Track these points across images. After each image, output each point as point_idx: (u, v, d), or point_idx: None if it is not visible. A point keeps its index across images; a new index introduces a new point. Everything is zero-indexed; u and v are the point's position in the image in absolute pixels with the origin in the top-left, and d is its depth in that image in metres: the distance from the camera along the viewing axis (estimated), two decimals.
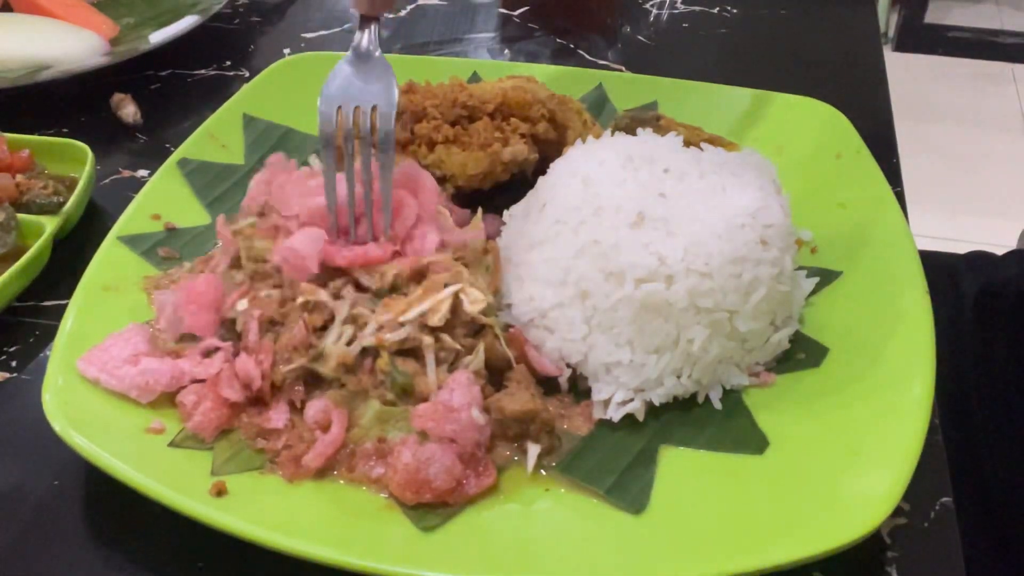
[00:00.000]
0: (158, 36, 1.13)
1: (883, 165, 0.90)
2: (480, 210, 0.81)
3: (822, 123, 0.96)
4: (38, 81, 1.05)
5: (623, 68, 1.17)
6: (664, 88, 1.03)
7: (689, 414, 0.71)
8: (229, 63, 1.19)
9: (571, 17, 1.31)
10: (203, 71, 1.17)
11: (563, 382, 0.72)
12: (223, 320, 0.74)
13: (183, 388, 0.70)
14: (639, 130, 0.83)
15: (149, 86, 1.14)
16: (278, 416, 0.68)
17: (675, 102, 1.00)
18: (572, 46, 1.23)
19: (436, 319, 0.69)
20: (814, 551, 0.59)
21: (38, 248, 0.82)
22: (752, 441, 0.68)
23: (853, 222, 0.85)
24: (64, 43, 1.10)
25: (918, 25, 3.51)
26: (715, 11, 1.32)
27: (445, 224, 0.78)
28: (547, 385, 0.72)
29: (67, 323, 0.73)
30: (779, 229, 0.73)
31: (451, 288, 0.71)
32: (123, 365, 0.69)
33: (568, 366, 0.73)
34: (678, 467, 0.67)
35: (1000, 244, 1.38)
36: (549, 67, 1.10)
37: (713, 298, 0.70)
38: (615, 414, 0.70)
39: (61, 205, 0.86)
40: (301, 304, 0.71)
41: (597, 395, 0.71)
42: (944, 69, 3.43)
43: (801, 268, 0.80)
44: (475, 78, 1.03)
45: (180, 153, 0.92)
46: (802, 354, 0.75)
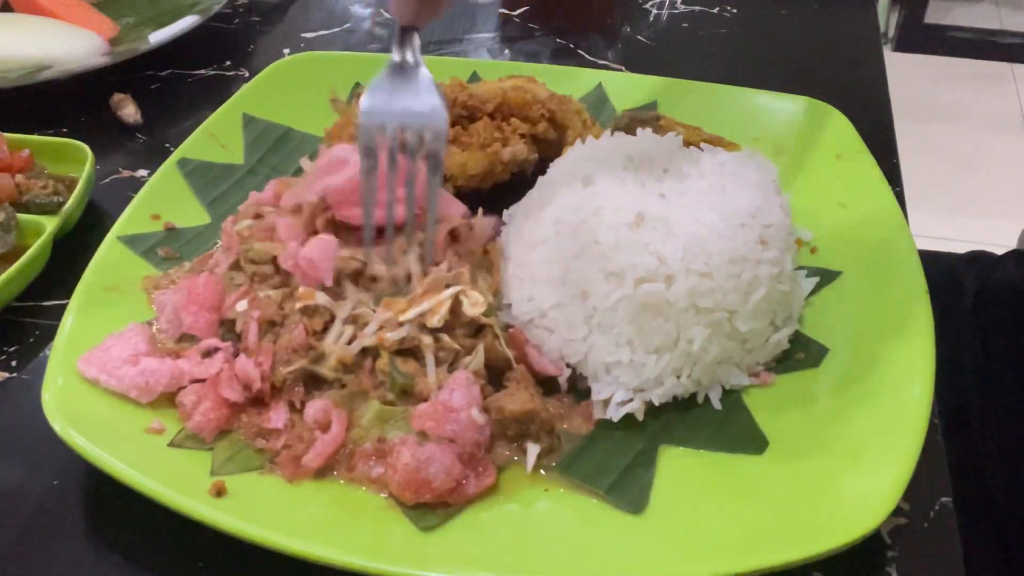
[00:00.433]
0: (158, 36, 1.13)
1: (883, 165, 0.90)
2: (480, 210, 0.81)
3: (822, 123, 0.96)
4: (38, 81, 1.05)
5: (623, 68, 1.17)
6: (664, 88, 1.03)
7: (689, 414, 0.71)
8: (229, 63, 1.19)
9: (571, 17, 1.31)
10: (203, 71, 1.17)
11: (563, 382, 0.72)
12: (223, 321, 0.74)
13: (183, 388, 0.70)
14: (639, 130, 0.83)
15: (149, 86, 1.14)
16: (278, 416, 0.68)
17: (675, 102, 1.00)
18: (572, 46, 1.23)
19: (435, 320, 0.69)
20: (814, 551, 0.59)
21: (38, 248, 0.82)
22: (752, 441, 0.68)
23: (853, 222, 0.85)
24: (64, 43, 1.11)
25: (918, 25, 3.51)
26: (715, 11, 1.32)
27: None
28: (547, 385, 0.72)
29: (67, 323, 0.73)
30: (779, 229, 0.73)
31: (452, 289, 0.71)
32: (123, 365, 0.69)
33: (568, 366, 0.73)
34: (678, 467, 0.67)
35: (1000, 244, 1.38)
36: (549, 67, 1.10)
37: (713, 298, 0.70)
38: (615, 414, 0.70)
39: (61, 205, 0.86)
40: (300, 309, 0.71)
41: (597, 395, 0.71)
42: (944, 69, 3.43)
43: (801, 268, 0.80)
44: (475, 78, 1.03)
45: (180, 153, 0.92)
46: (802, 354, 0.75)
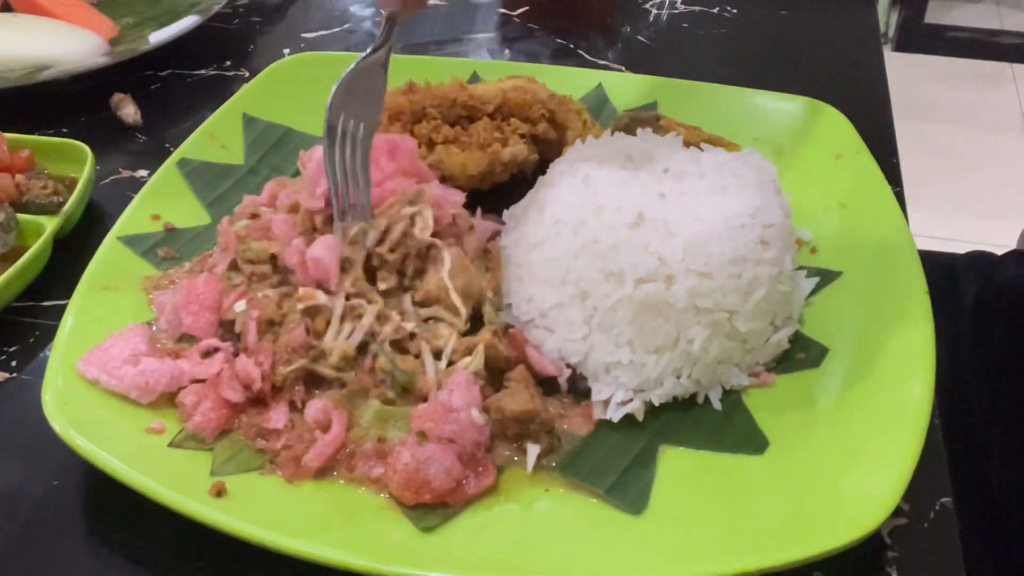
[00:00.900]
0: (158, 36, 1.13)
1: (883, 165, 0.90)
2: (479, 210, 0.81)
3: (822, 123, 0.96)
4: (38, 81, 1.05)
5: (623, 68, 1.17)
6: (664, 88, 1.03)
7: (689, 414, 0.71)
8: (229, 63, 1.19)
9: (571, 17, 1.31)
10: (203, 71, 1.17)
11: (563, 382, 0.72)
12: (222, 321, 0.74)
13: (183, 388, 0.70)
14: (639, 130, 0.83)
15: (149, 86, 1.14)
16: (278, 416, 0.68)
17: (675, 102, 1.00)
18: (572, 46, 1.23)
19: (387, 243, 0.73)
20: (814, 551, 0.59)
21: (38, 248, 0.82)
22: (752, 441, 0.68)
23: (853, 222, 0.85)
24: (64, 43, 1.10)
25: (918, 25, 3.51)
26: (715, 11, 1.31)
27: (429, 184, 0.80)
28: (547, 385, 0.72)
29: (67, 323, 0.73)
30: (779, 229, 0.73)
31: (412, 208, 0.75)
32: (123, 365, 0.69)
33: (568, 366, 0.73)
34: (678, 467, 0.67)
35: (1000, 244, 1.38)
36: (549, 67, 1.10)
37: (713, 298, 0.70)
38: (615, 414, 0.70)
39: (61, 205, 0.86)
40: (303, 309, 0.71)
41: (597, 395, 0.71)
42: (944, 69, 3.43)
43: (801, 268, 0.80)
44: (475, 78, 1.03)
45: (180, 153, 0.92)
46: (802, 354, 0.75)
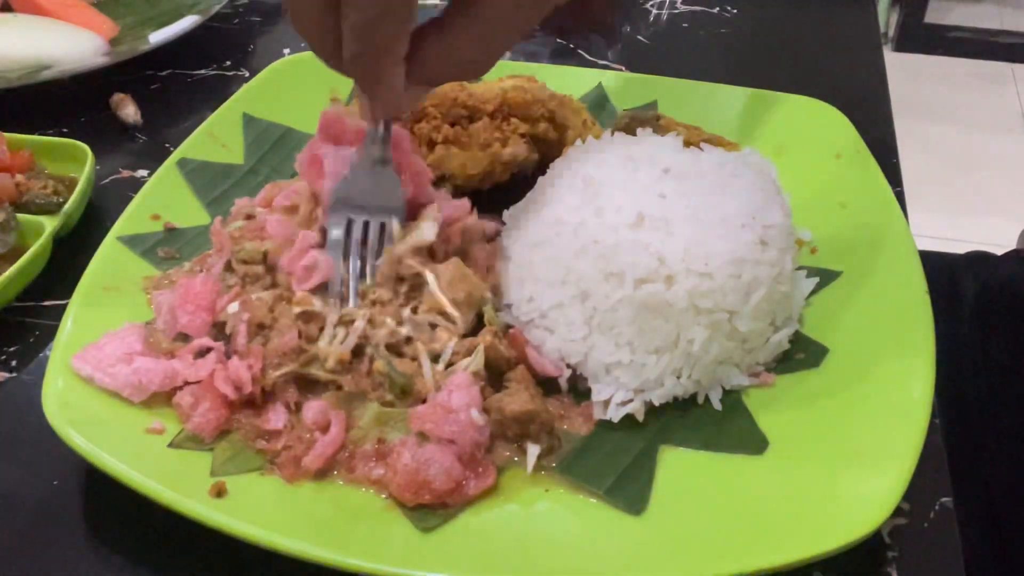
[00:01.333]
0: (158, 36, 1.13)
1: (883, 165, 0.90)
2: (475, 209, 0.81)
3: (822, 123, 0.96)
4: (38, 81, 1.05)
5: (623, 68, 1.17)
6: (664, 88, 1.03)
7: (689, 414, 0.71)
8: (229, 63, 1.19)
9: (571, 17, 1.31)
10: (203, 71, 1.17)
11: (563, 382, 0.72)
12: (216, 322, 0.74)
13: (177, 389, 0.70)
14: (639, 130, 0.83)
15: (149, 86, 1.14)
16: (276, 417, 0.68)
17: (675, 102, 1.00)
18: (572, 46, 1.23)
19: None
20: (814, 551, 0.59)
21: (38, 248, 0.82)
22: (752, 441, 0.68)
23: (853, 222, 0.85)
24: (64, 43, 1.10)
25: (918, 25, 3.52)
26: (715, 11, 1.31)
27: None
28: (547, 385, 0.72)
29: (67, 323, 0.73)
30: (779, 229, 0.73)
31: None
32: (117, 363, 0.69)
33: (568, 366, 0.72)
34: (678, 467, 0.67)
35: (1000, 244, 1.38)
36: (549, 67, 1.10)
37: (713, 298, 0.70)
38: (615, 414, 0.70)
39: (61, 205, 0.86)
40: (297, 315, 0.71)
41: (597, 395, 0.71)
42: (944, 69, 3.43)
43: (801, 268, 0.80)
44: None
45: (180, 153, 0.92)
46: (802, 354, 0.75)
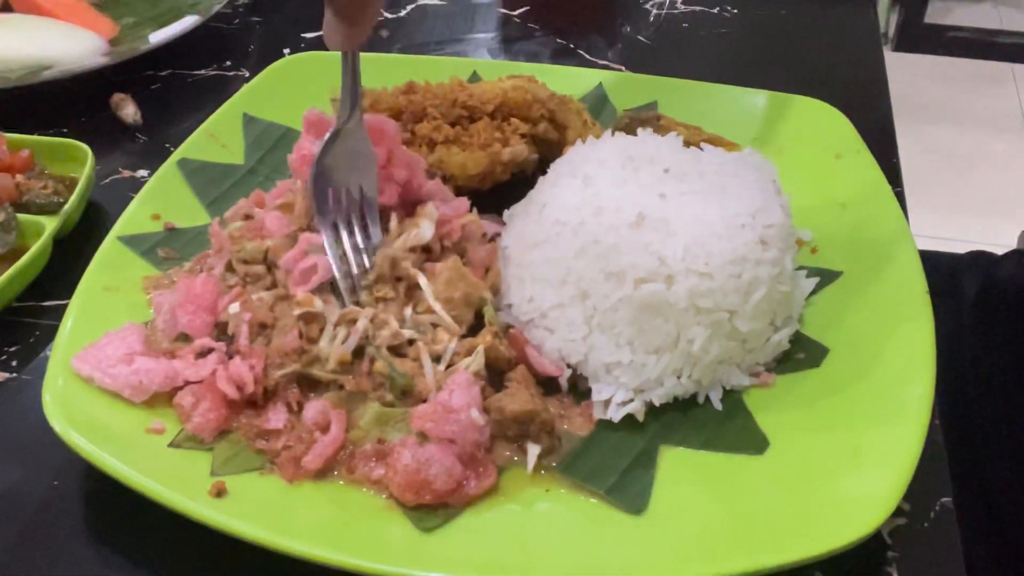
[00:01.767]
0: (158, 36, 1.13)
1: (883, 165, 0.90)
2: (475, 209, 0.81)
3: (822, 123, 0.96)
4: (38, 81, 1.05)
5: (623, 68, 1.17)
6: (664, 88, 1.03)
7: (689, 414, 0.71)
8: (229, 63, 1.19)
9: (571, 17, 1.31)
10: (203, 71, 1.17)
11: (563, 382, 0.72)
12: (218, 322, 0.74)
13: (178, 389, 0.70)
14: (639, 130, 0.83)
15: (149, 86, 1.14)
16: (276, 417, 0.68)
17: (675, 102, 1.00)
18: (572, 46, 1.23)
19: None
20: (814, 551, 0.59)
21: (38, 248, 0.82)
22: (752, 441, 0.68)
23: (853, 222, 0.85)
24: (64, 43, 1.10)
25: (918, 25, 3.51)
26: (715, 11, 1.31)
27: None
28: (547, 385, 0.72)
29: (67, 323, 0.73)
30: (779, 229, 0.73)
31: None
32: (117, 364, 0.69)
33: (568, 366, 0.73)
34: (678, 467, 0.67)
35: (1000, 244, 1.38)
36: (549, 67, 1.10)
37: (713, 298, 0.70)
38: (615, 414, 0.70)
39: (61, 205, 0.86)
40: (299, 316, 0.71)
41: (597, 395, 0.71)
42: (944, 69, 3.43)
43: (801, 268, 0.80)
44: (475, 78, 1.03)
45: (180, 153, 0.92)
46: (802, 354, 0.75)
